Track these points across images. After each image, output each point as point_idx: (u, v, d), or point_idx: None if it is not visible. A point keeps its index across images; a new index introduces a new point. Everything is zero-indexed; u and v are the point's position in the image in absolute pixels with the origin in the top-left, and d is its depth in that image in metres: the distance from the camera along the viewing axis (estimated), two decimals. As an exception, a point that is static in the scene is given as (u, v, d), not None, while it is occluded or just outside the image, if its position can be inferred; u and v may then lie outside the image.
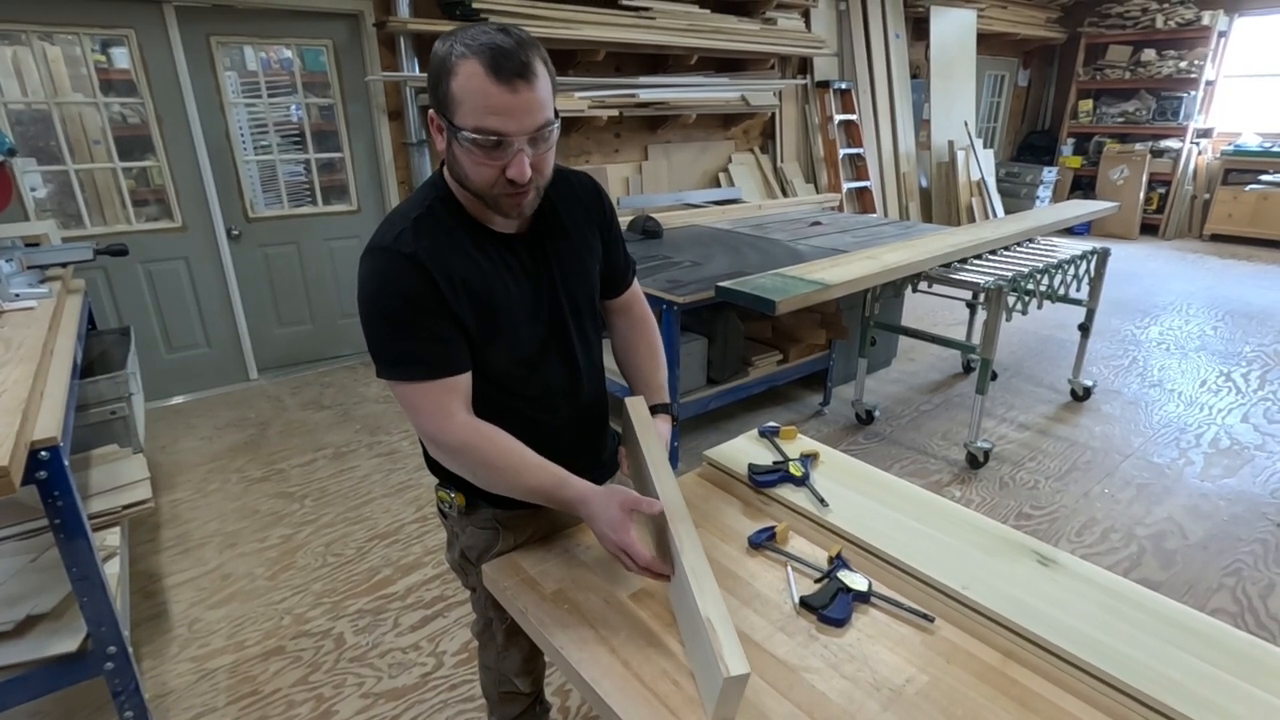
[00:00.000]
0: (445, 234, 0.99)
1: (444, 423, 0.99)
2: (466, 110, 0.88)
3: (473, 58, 0.86)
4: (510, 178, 0.91)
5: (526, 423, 1.09)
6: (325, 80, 3.87)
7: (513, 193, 0.94)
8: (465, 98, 0.87)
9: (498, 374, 1.07)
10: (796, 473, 1.30)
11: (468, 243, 1.00)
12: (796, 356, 3.42)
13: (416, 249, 0.95)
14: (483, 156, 0.90)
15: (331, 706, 1.82)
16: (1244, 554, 2.43)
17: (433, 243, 0.97)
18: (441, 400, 0.99)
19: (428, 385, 0.98)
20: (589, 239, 1.15)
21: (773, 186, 5.82)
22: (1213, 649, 0.92)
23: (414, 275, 0.95)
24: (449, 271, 0.97)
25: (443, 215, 1.00)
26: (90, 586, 1.42)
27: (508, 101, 0.87)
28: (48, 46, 3.19)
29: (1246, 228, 7.41)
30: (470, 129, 0.88)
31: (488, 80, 0.86)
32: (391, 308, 0.96)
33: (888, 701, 0.85)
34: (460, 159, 0.93)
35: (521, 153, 0.90)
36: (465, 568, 1.26)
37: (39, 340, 1.70)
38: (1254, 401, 3.62)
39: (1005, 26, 7.58)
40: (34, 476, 1.30)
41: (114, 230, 3.45)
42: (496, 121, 0.87)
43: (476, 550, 1.20)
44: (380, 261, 0.96)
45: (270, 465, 3.06)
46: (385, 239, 0.97)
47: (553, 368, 1.13)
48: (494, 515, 1.18)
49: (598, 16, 4.22)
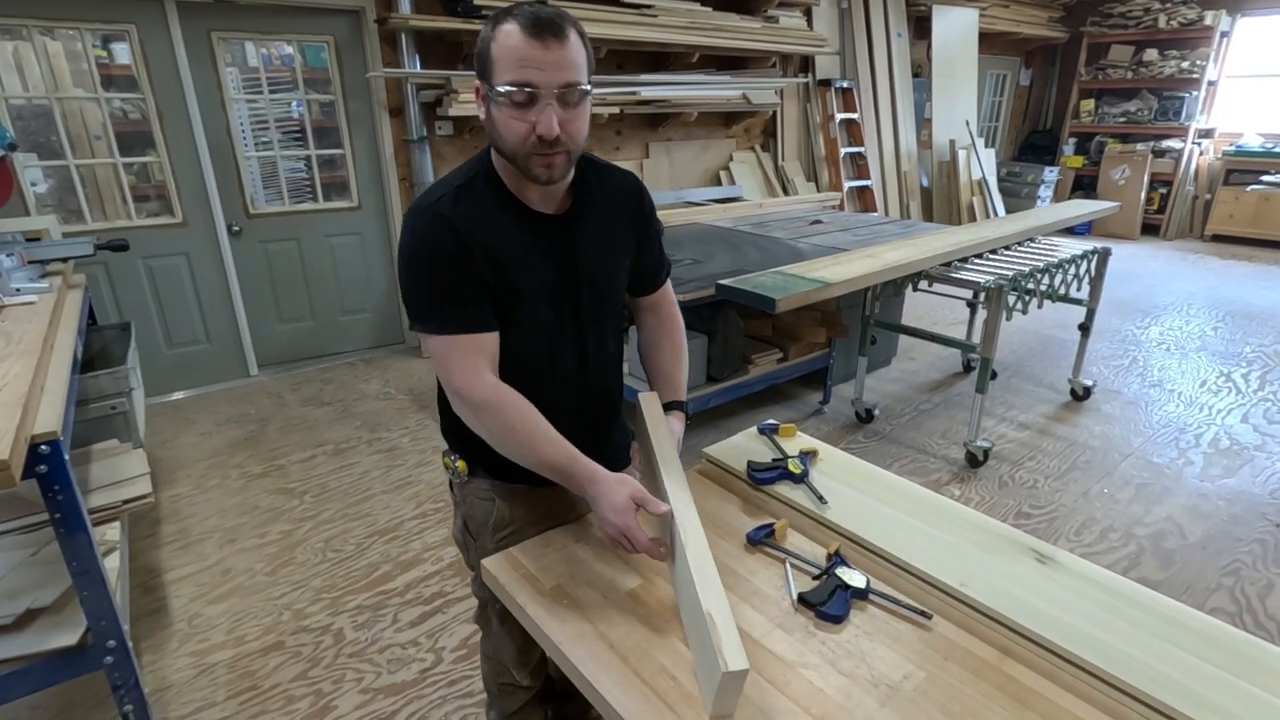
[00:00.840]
0: (482, 204, 1.05)
1: (473, 379, 1.04)
2: (502, 67, 0.95)
3: (513, 20, 0.94)
4: (539, 133, 0.96)
5: (534, 391, 1.11)
6: (326, 76, 3.87)
7: (543, 152, 0.98)
8: (501, 55, 0.95)
9: (512, 340, 1.10)
10: (795, 470, 1.30)
11: (503, 216, 1.06)
12: (797, 355, 3.42)
13: (453, 213, 1.02)
14: (515, 112, 0.96)
15: (330, 701, 1.83)
16: (1243, 554, 2.43)
17: (469, 210, 1.04)
18: (471, 356, 1.04)
19: (457, 339, 1.04)
20: (622, 234, 1.20)
21: (774, 185, 5.81)
22: (1210, 647, 0.92)
23: (447, 235, 1.02)
24: (479, 238, 1.03)
25: (484, 187, 1.07)
26: (90, 581, 1.42)
27: (539, 55, 0.93)
28: (49, 41, 3.19)
29: (1248, 228, 7.40)
30: (505, 83, 0.95)
31: (522, 36, 0.93)
32: (425, 262, 1.03)
33: (885, 698, 0.85)
34: (497, 120, 0.99)
35: (550, 107, 0.95)
36: (466, 541, 1.29)
37: (39, 335, 1.70)
38: (1254, 402, 3.62)
39: (1007, 26, 7.57)
40: (34, 471, 1.30)
41: (115, 225, 3.45)
42: (528, 74, 0.94)
43: (476, 521, 1.24)
44: (420, 220, 1.04)
45: (270, 461, 3.06)
46: (427, 200, 1.05)
47: (564, 351, 1.16)
48: (491, 486, 1.21)
49: (600, 14, 4.22)
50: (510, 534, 1.23)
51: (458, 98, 3.88)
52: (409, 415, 3.49)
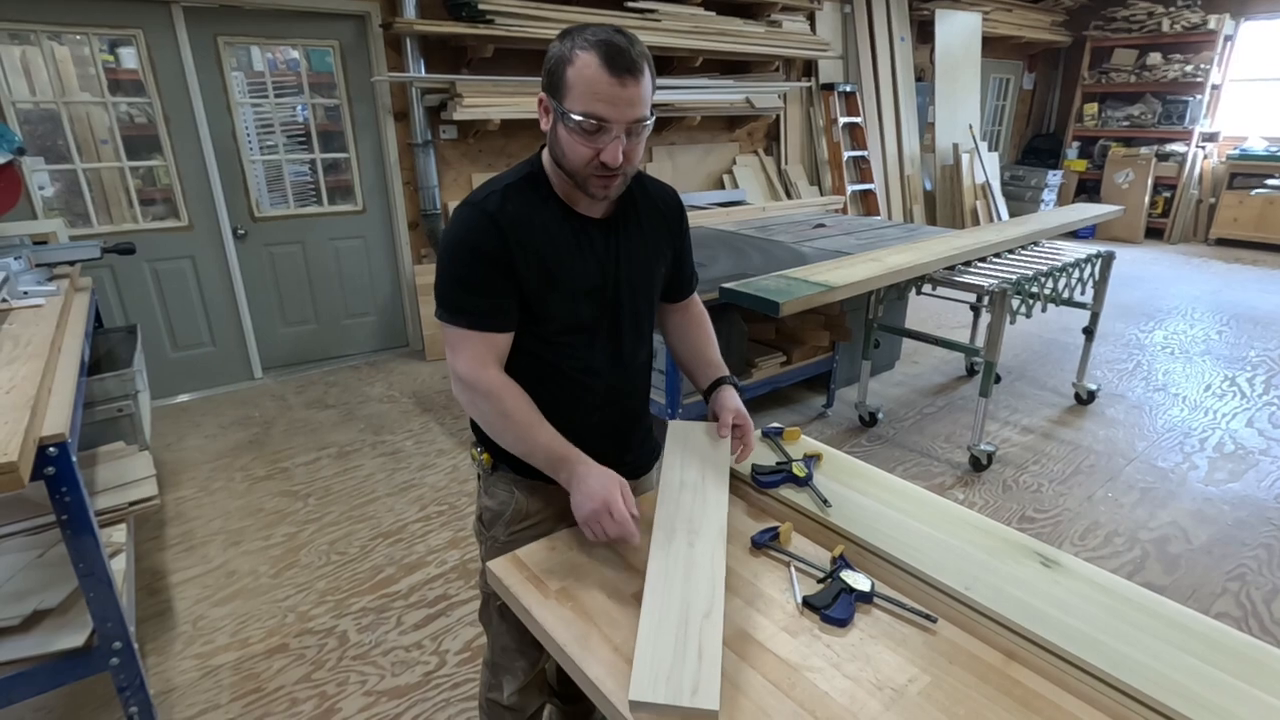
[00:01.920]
0: (530, 205, 1.10)
1: (479, 369, 1.10)
2: (577, 95, 0.98)
3: (592, 50, 0.97)
4: (604, 160, 1.01)
5: (565, 385, 1.19)
6: (331, 81, 3.89)
7: (603, 175, 1.04)
8: (578, 84, 0.98)
9: (549, 335, 1.15)
10: (799, 473, 1.30)
11: (549, 217, 1.11)
12: (800, 358, 3.42)
13: (500, 212, 1.07)
14: (583, 139, 1.01)
15: (334, 704, 1.83)
16: (1248, 559, 2.42)
17: (516, 209, 1.08)
18: (481, 350, 1.10)
19: (475, 334, 1.09)
20: (661, 244, 1.25)
21: (777, 189, 5.82)
22: (1215, 651, 0.92)
23: (491, 233, 1.06)
24: (523, 236, 1.07)
25: (533, 188, 1.11)
26: (96, 582, 1.43)
27: (615, 93, 0.97)
28: (56, 46, 3.21)
29: (1252, 232, 7.38)
30: (578, 112, 0.98)
31: (602, 71, 0.96)
32: (464, 257, 1.07)
33: (890, 701, 0.85)
34: (562, 139, 1.03)
35: (618, 140, 1.00)
36: (480, 534, 1.31)
37: (47, 338, 1.72)
38: (1259, 406, 3.61)
39: (1010, 30, 7.57)
40: (42, 472, 1.30)
41: (121, 229, 3.47)
42: (602, 108, 0.98)
43: (491, 513, 1.26)
44: (467, 215, 1.08)
45: (274, 464, 3.07)
46: (476, 197, 1.09)
47: (599, 346, 1.20)
48: (513, 479, 1.24)
49: (603, 18, 4.23)
50: (527, 527, 1.26)
51: (462, 102, 3.90)
52: (413, 418, 3.50)
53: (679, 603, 0.96)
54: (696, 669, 0.86)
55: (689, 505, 1.14)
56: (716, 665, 0.87)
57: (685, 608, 0.95)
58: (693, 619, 0.93)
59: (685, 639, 0.90)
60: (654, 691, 0.83)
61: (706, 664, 0.87)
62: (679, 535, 1.08)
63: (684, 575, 1.00)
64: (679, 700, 0.82)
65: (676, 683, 0.84)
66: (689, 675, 0.85)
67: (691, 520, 1.11)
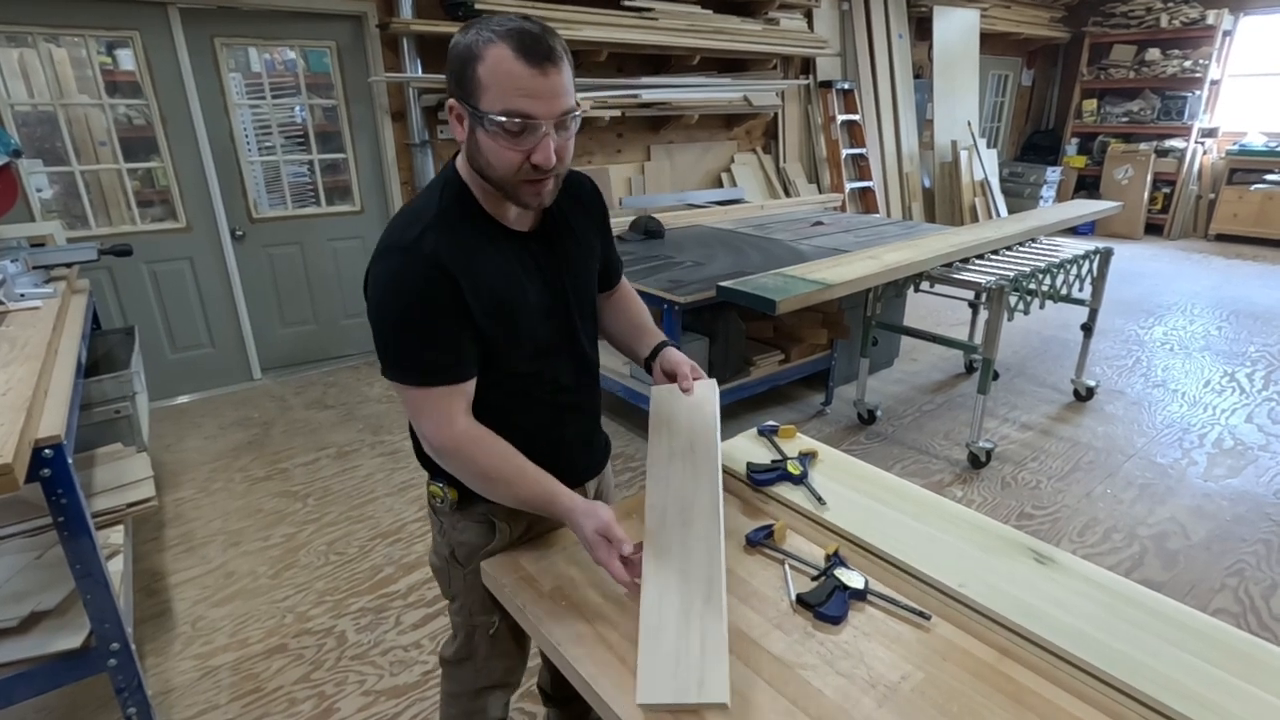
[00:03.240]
0: (465, 233, 0.99)
1: (446, 428, 1.00)
2: (495, 94, 0.88)
3: (501, 42, 0.87)
4: (536, 163, 0.92)
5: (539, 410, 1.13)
6: (329, 81, 3.89)
7: (535, 179, 0.95)
8: (494, 81, 0.88)
9: (515, 367, 1.07)
10: (795, 471, 1.30)
11: (486, 241, 1.01)
12: (798, 356, 3.42)
13: (438, 250, 0.94)
14: (510, 142, 0.91)
15: (333, 704, 1.83)
16: (1247, 554, 2.42)
17: (453, 242, 0.96)
18: (445, 405, 0.99)
19: (435, 390, 0.98)
20: (591, 239, 1.18)
21: (775, 187, 5.81)
22: (1212, 648, 0.92)
23: (436, 278, 0.94)
24: (471, 273, 0.97)
25: (460, 213, 1.00)
26: (93, 584, 1.43)
27: (538, 84, 0.88)
28: (54, 48, 3.21)
29: (1251, 227, 7.38)
30: (499, 112, 0.88)
31: (517, 62, 0.86)
32: (409, 311, 0.95)
33: (883, 698, 0.86)
34: (484, 146, 0.93)
35: (548, 137, 0.91)
36: (450, 570, 1.21)
37: (43, 340, 1.72)
38: (1258, 402, 3.60)
39: (1009, 26, 7.56)
40: (38, 474, 1.31)
41: (119, 231, 3.47)
42: (526, 104, 0.88)
43: (468, 548, 1.17)
44: (400, 262, 0.94)
45: (274, 464, 3.07)
46: (405, 238, 0.95)
47: (563, 364, 1.14)
48: (489, 509, 1.15)
49: (600, 17, 4.23)
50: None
51: (459, 102, 3.89)
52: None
53: (676, 594, 0.94)
54: (700, 661, 0.84)
55: (679, 481, 1.10)
56: (722, 654, 0.85)
57: (684, 598, 0.93)
58: (693, 608, 0.91)
59: (687, 631, 0.88)
60: (661, 691, 0.82)
61: (710, 655, 0.85)
62: (671, 519, 1.05)
63: (679, 563, 0.98)
64: (686, 697, 0.81)
65: (683, 679, 0.82)
66: (693, 669, 0.83)
67: (683, 499, 1.07)
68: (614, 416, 3.49)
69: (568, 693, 1.42)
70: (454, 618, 1.27)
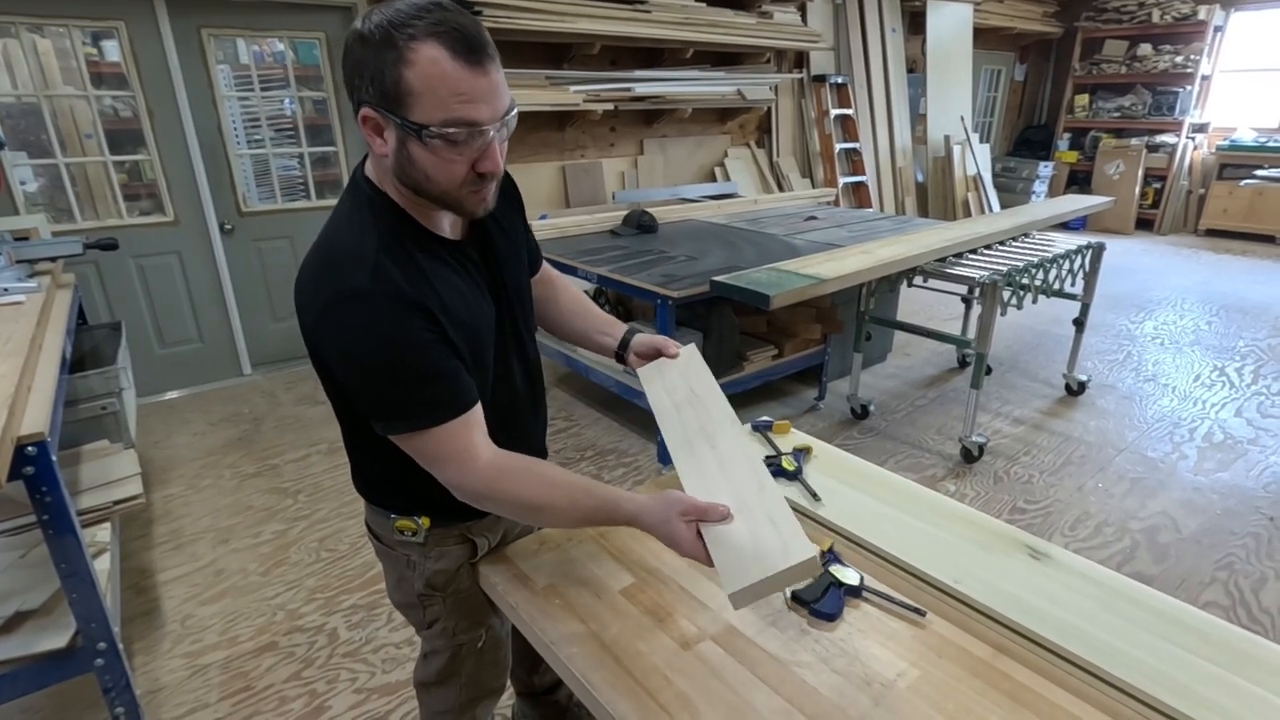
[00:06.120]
0: (415, 258, 0.89)
1: (471, 466, 0.90)
2: (431, 102, 0.78)
3: (431, 41, 0.76)
4: (482, 171, 0.84)
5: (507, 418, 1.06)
6: (318, 73, 3.85)
7: (479, 188, 0.87)
8: (428, 88, 0.77)
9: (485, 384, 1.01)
10: (789, 467, 1.30)
11: (437, 263, 0.92)
12: (792, 351, 3.42)
13: (400, 285, 0.85)
14: (453, 153, 0.81)
15: (324, 702, 1.82)
16: (1236, 548, 2.43)
17: (410, 272, 0.87)
18: (464, 439, 0.90)
19: (449, 426, 0.89)
20: (519, 233, 1.11)
21: (768, 181, 5.81)
22: (1204, 643, 0.92)
23: (414, 315, 0.85)
24: (438, 298, 0.89)
25: (402, 237, 0.89)
26: (79, 582, 1.41)
27: (479, 86, 0.79)
28: (38, 39, 3.16)
29: (1241, 223, 7.42)
30: (439, 123, 0.78)
31: (455, 64, 0.77)
32: (401, 357, 0.85)
33: (879, 696, 0.85)
34: (420, 160, 0.82)
35: (494, 141, 0.83)
36: (427, 601, 1.12)
37: (27, 335, 1.69)
38: (1247, 396, 3.63)
39: (1002, 21, 7.57)
40: (20, 472, 1.28)
41: (105, 224, 3.42)
42: (469, 110, 0.79)
43: (447, 574, 1.10)
44: (368, 311, 0.83)
45: (264, 461, 3.05)
46: (358, 283, 0.83)
47: (516, 367, 1.10)
48: (467, 525, 1.09)
49: (593, 10, 4.20)
50: None
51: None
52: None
53: (728, 495, 0.92)
54: (776, 534, 0.85)
55: (692, 417, 1.09)
56: (794, 523, 0.86)
57: (737, 496, 0.92)
58: (748, 501, 0.91)
59: (752, 519, 0.88)
60: (748, 574, 0.81)
61: (784, 526, 0.85)
62: (698, 442, 1.04)
63: (720, 470, 0.98)
64: (777, 566, 0.80)
65: (766, 555, 0.82)
66: (773, 543, 0.83)
67: (703, 426, 1.06)
68: (607, 412, 3.48)
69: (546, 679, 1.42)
70: (432, 641, 1.18)
